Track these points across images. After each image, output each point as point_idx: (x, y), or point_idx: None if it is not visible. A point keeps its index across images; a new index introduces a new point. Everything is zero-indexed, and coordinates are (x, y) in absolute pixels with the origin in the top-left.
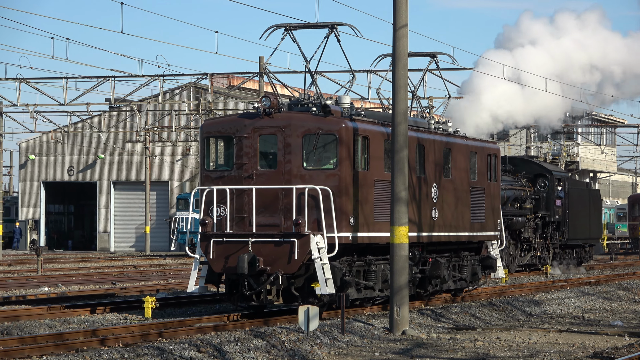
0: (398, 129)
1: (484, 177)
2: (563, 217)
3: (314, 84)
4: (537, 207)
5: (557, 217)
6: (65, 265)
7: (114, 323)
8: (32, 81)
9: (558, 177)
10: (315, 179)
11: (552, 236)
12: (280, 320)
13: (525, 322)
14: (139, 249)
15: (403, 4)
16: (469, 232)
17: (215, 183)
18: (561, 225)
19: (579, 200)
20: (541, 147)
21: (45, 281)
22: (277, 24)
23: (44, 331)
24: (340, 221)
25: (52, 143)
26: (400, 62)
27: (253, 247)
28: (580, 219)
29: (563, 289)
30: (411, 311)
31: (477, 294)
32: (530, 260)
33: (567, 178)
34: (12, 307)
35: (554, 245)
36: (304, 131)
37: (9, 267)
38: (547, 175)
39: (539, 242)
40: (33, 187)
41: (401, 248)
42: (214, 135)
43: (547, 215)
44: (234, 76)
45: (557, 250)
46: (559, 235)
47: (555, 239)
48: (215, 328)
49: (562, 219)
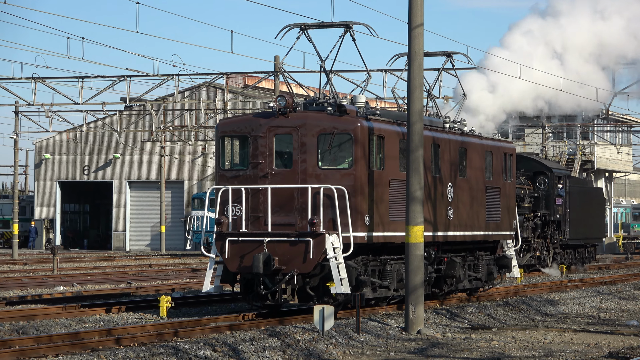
0: (413, 128)
1: (500, 176)
2: (564, 216)
3: (330, 84)
4: (536, 205)
5: (557, 216)
6: (81, 265)
7: (130, 322)
8: (47, 80)
9: (558, 175)
10: (331, 179)
11: (552, 236)
12: (295, 320)
13: (540, 321)
14: (154, 248)
15: (418, 4)
16: (484, 232)
17: (231, 182)
18: (561, 225)
19: (581, 198)
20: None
21: (60, 280)
22: (292, 24)
23: (59, 330)
24: (356, 220)
25: (68, 142)
26: (415, 61)
27: (268, 247)
28: (581, 218)
29: (579, 288)
30: (426, 311)
31: (493, 294)
32: (530, 261)
33: (568, 176)
34: (28, 307)
35: (554, 245)
36: (319, 130)
37: (25, 266)
38: (546, 173)
39: (538, 242)
40: (49, 186)
41: (416, 247)
42: (229, 134)
43: (546, 214)
44: (249, 75)
45: (557, 251)
46: (559, 235)
47: (555, 239)
48: (230, 327)
49: (562, 218)
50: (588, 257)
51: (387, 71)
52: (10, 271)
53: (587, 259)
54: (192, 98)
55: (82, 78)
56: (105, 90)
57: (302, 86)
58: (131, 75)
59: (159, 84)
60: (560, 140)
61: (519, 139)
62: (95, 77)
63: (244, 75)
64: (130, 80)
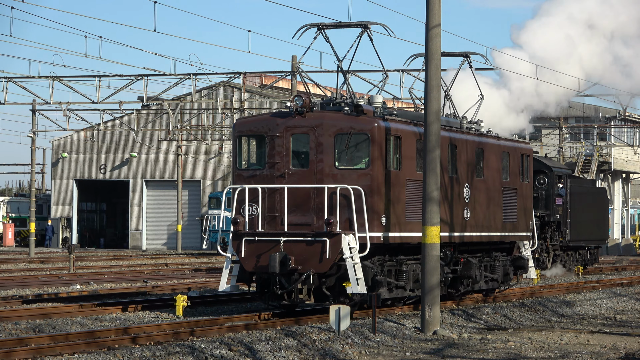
0: (430, 128)
1: (516, 177)
2: (564, 216)
3: (347, 83)
4: (535, 205)
5: (557, 217)
6: (97, 263)
7: (146, 321)
8: (65, 79)
9: (558, 174)
10: (347, 179)
11: (552, 237)
12: (311, 320)
13: (556, 322)
14: (170, 247)
15: (436, 4)
16: (500, 233)
17: (247, 182)
18: (562, 226)
19: (582, 198)
20: (574, 148)
21: (77, 279)
22: (309, 24)
23: (75, 329)
24: (372, 221)
25: (85, 141)
26: (432, 61)
27: (285, 246)
28: (583, 218)
29: (595, 289)
30: (442, 311)
31: (509, 295)
32: None
33: (569, 175)
34: (44, 305)
35: (554, 247)
36: (336, 130)
37: (42, 264)
38: (546, 172)
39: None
40: (66, 184)
41: (433, 248)
42: (246, 134)
43: (545, 215)
44: (266, 75)
45: (557, 252)
46: (559, 236)
47: (555, 240)
48: (246, 327)
49: (562, 219)
50: (590, 260)
51: (404, 71)
52: (27, 269)
53: (590, 262)
54: (209, 97)
55: (99, 77)
56: (123, 89)
57: (319, 86)
58: (149, 74)
59: (176, 83)
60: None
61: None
62: (112, 76)
63: (261, 75)
64: (147, 80)
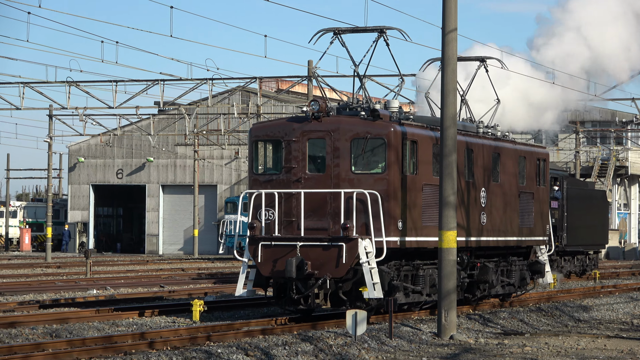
0: (447, 133)
1: (533, 181)
2: (560, 220)
3: (363, 88)
4: None
5: (553, 221)
6: (114, 268)
7: (162, 326)
8: (81, 84)
9: (554, 176)
10: (364, 183)
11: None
12: (328, 324)
13: (573, 327)
14: (187, 252)
15: (452, 8)
16: (517, 237)
17: (264, 187)
18: (558, 230)
19: (580, 201)
20: (590, 152)
21: (93, 284)
22: (326, 28)
23: (92, 334)
24: (389, 225)
25: (102, 146)
26: (449, 66)
27: (301, 251)
28: (581, 222)
29: (612, 294)
30: (459, 316)
31: (526, 299)
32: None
33: (566, 177)
34: (61, 310)
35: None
36: (353, 135)
37: (58, 269)
38: None
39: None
40: (82, 189)
41: (449, 252)
42: (262, 138)
43: None
44: (282, 80)
45: (553, 258)
46: (555, 241)
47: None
48: (263, 332)
49: (559, 223)
50: (589, 265)
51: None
52: (44, 274)
53: (589, 267)
54: (226, 102)
55: (116, 82)
56: (139, 94)
57: (335, 91)
58: (165, 79)
59: (193, 88)
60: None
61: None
62: (129, 81)
63: (278, 80)
64: (164, 84)
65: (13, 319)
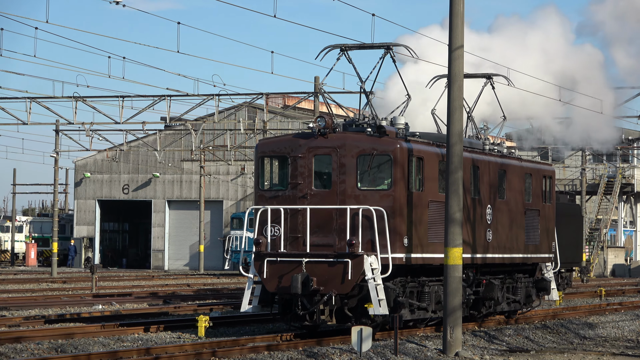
0: (453, 149)
1: (539, 199)
2: None
3: (369, 104)
4: None
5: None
6: (120, 283)
7: (168, 342)
8: (88, 100)
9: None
10: (370, 200)
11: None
12: (333, 341)
13: (579, 345)
14: (192, 267)
15: (459, 26)
16: (523, 254)
17: (270, 202)
18: None
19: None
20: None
21: (99, 299)
22: (332, 45)
23: (97, 349)
24: (394, 242)
25: (108, 161)
26: (455, 83)
27: (307, 267)
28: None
29: (617, 312)
30: (464, 333)
31: (531, 316)
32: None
33: None
34: (67, 325)
35: None
36: (359, 151)
37: (64, 284)
38: None
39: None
40: (88, 204)
41: (455, 269)
42: (268, 154)
43: None
44: (289, 96)
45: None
46: None
47: None
48: (268, 348)
49: None
50: (562, 284)
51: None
52: (50, 289)
53: (561, 286)
54: (232, 118)
55: (122, 97)
56: (146, 109)
57: (341, 107)
58: (171, 95)
59: (199, 104)
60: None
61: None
62: (135, 97)
63: (284, 96)
64: (170, 100)
65: (19, 334)
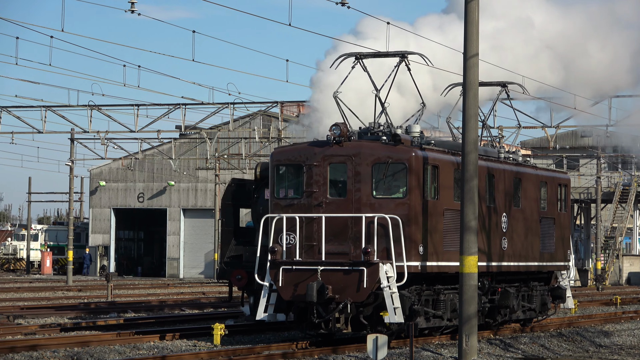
0: (468, 158)
1: (554, 207)
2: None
3: (384, 113)
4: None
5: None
6: (135, 292)
7: (183, 350)
8: (103, 108)
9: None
10: (385, 208)
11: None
12: (348, 349)
13: (594, 353)
14: (207, 275)
15: (474, 34)
16: (538, 262)
17: (285, 211)
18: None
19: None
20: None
21: (114, 307)
22: (347, 53)
23: (113, 357)
24: (410, 250)
25: (123, 170)
26: (470, 91)
27: (322, 275)
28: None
29: (633, 320)
30: (480, 341)
31: (547, 324)
32: None
33: None
34: (82, 333)
35: None
36: (374, 160)
37: (79, 292)
38: None
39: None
40: (103, 213)
41: (470, 277)
42: (284, 163)
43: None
44: (304, 104)
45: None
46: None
47: None
48: (284, 356)
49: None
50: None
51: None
52: (65, 297)
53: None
54: (247, 126)
55: (137, 106)
56: (161, 118)
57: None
58: (187, 103)
59: (214, 112)
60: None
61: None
62: (150, 105)
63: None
64: (185, 109)
65: (35, 342)
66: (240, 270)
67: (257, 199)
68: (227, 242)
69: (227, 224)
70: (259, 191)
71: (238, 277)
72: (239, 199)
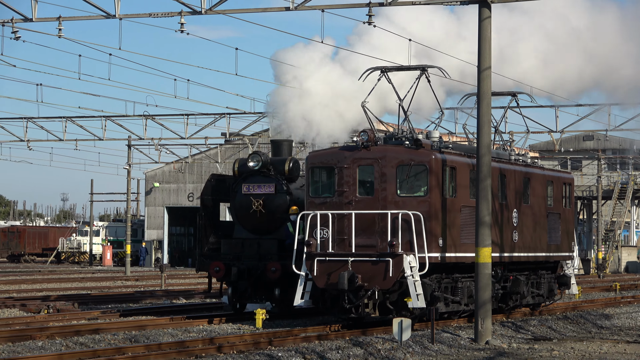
0: (482, 160)
1: (560, 203)
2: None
3: (407, 120)
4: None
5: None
6: (186, 281)
7: (229, 332)
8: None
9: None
10: (408, 205)
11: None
12: (376, 331)
13: (596, 334)
14: None
15: (487, 49)
16: (546, 253)
17: (319, 208)
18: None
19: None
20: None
21: (168, 294)
22: (374, 67)
23: (167, 339)
24: (430, 242)
25: (174, 172)
26: (484, 100)
27: (352, 266)
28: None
29: (631, 304)
30: (494, 323)
31: (553, 309)
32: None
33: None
34: (139, 318)
35: None
36: (398, 162)
37: (136, 282)
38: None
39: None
40: (157, 211)
41: (485, 267)
42: (317, 165)
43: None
44: None
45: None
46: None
47: None
48: (319, 337)
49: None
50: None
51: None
52: (124, 286)
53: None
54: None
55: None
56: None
57: (382, 122)
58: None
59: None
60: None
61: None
62: (198, 115)
63: None
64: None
65: (97, 326)
66: (218, 262)
67: (236, 193)
68: (206, 235)
69: (207, 217)
70: (237, 186)
71: (216, 269)
72: (219, 194)
